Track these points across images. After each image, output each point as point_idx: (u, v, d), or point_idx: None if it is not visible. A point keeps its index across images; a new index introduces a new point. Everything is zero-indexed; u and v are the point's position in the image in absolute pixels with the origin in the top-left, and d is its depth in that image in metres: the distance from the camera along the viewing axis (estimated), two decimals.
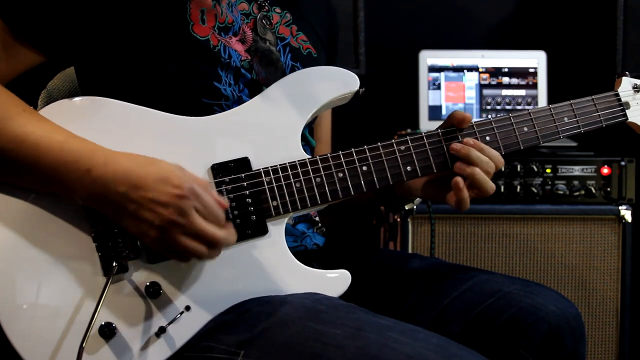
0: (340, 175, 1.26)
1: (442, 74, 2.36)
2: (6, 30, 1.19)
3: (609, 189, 2.11)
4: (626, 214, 2.08)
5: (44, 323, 1.15)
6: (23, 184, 1.16)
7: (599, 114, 1.40)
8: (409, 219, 2.08)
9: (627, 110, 1.43)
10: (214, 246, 1.13)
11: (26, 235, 1.16)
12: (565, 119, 1.38)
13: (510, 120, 1.35)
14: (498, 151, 1.32)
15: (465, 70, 2.36)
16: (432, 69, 2.36)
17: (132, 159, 1.14)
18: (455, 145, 1.29)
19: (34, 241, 1.16)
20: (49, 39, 1.21)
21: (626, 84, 1.44)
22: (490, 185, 1.29)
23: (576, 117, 1.38)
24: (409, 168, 1.29)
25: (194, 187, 1.11)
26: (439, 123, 2.29)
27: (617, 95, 1.43)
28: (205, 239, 1.12)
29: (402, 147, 1.29)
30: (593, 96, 1.41)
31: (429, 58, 2.36)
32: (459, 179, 1.28)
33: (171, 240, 1.11)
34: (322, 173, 1.26)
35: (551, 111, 1.37)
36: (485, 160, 1.28)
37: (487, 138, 1.33)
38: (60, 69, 1.58)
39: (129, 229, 1.14)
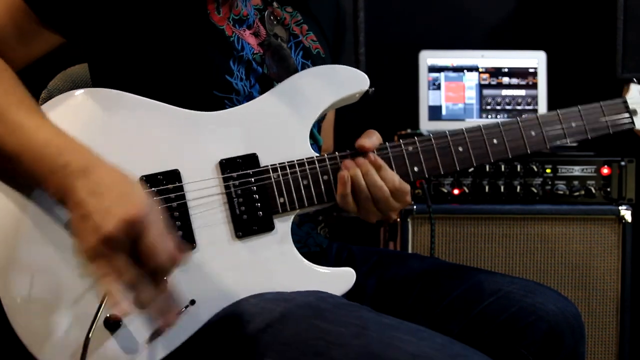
0: None
1: (442, 74, 2.36)
2: (27, 12, 1.20)
3: (609, 189, 2.11)
4: (626, 214, 2.08)
5: (50, 315, 1.15)
6: (5, 175, 1.15)
7: (606, 120, 1.40)
8: (409, 219, 2.08)
9: (634, 118, 1.43)
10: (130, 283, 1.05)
11: (32, 227, 1.17)
12: (573, 124, 1.38)
13: (518, 124, 1.34)
14: (504, 154, 1.32)
15: (465, 70, 2.36)
16: (432, 69, 2.36)
17: (110, 171, 1.09)
18: (344, 173, 1.25)
19: (40, 234, 1.17)
20: (70, 22, 1.22)
21: (634, 91, 1.44)
22: (373, 210, 1.25)
23: (584, 123, 1.38)
24: (416, 168, 1.30)
25: (152, 217, 1.05)
26: (439, 123, 2.34)
27: (625, 102, 1.42)
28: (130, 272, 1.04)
29: (410, 148, 1.30)
30: (601, 102, 1.40)
31: (429, 58, 2.36)
32: (345, 173, 1.25)
33: (102, 256, 1.04)
34: (330, 170, 1.26)
35: (559, 116, 1.37)
36: (372, 182, 1.24)
37: (495, 141, 1.33)
38: (61, 69, 1.58)
39: (72, 228, 1.08)
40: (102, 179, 1.08)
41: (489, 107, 2.36)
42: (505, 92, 2.36)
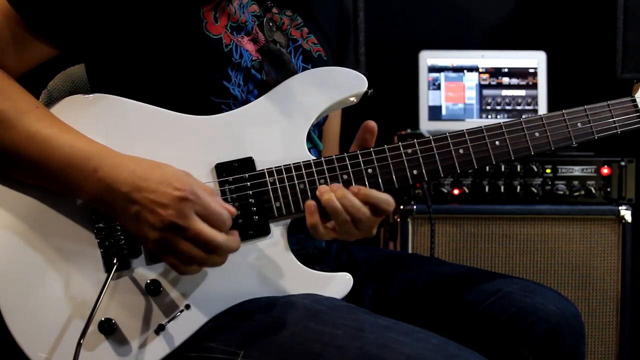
0: (345, 177, 1.25)
1: (442, 74, 2.36)
2: (20, 23, 1.20)
3: (609, 189, 2.12)
4: (626, 214, 2.08)
5: (45, 317, 1.16)
6: (30, 180, 1.17)
7: (614, 120, 1.35)
8: (409, 219, 2.08)
9: None
10: (213, 251, 1.13)
11: (29, 230, 1.17)
12: (579, 124, 1.34)
13: (522, 124, 1.31)
14: (507, 156, 1.30)
15: (465, 71, 2.36)
16: (432, 69, 2.36)
17: (138, 162, 1.14)
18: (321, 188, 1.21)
19: (37, 236, 1.17)
20: (63, 33, 1.22)
21: None
22: (353, 232, 1.20)
23: (590, 123, 1.34)
24: (415, 172, 1.27)
25: (196, 190, 1.11)
26: (439, 123, 2.34)
27: (634, 101, 1.38)
28: (204, 243, 1.11)
29: (409, 150, 1.27)
30: (609, 101, 1.37)
31: (429, 58, 2.36)
32: (311, 202, 1.20)
33: (170, 243, 1.11)
34: (327, 175, 1.25)
35: (564, 116, 1.33)
36: (350, 204, 1.19)
37: (497, 142, 1.30)
38: (61, 69, 1.58)
39: (131, 231, 1.14)
40: (135, 171, 1.12)
41: (489, 107, 2.36)
42: (505, 92, 2.36)
